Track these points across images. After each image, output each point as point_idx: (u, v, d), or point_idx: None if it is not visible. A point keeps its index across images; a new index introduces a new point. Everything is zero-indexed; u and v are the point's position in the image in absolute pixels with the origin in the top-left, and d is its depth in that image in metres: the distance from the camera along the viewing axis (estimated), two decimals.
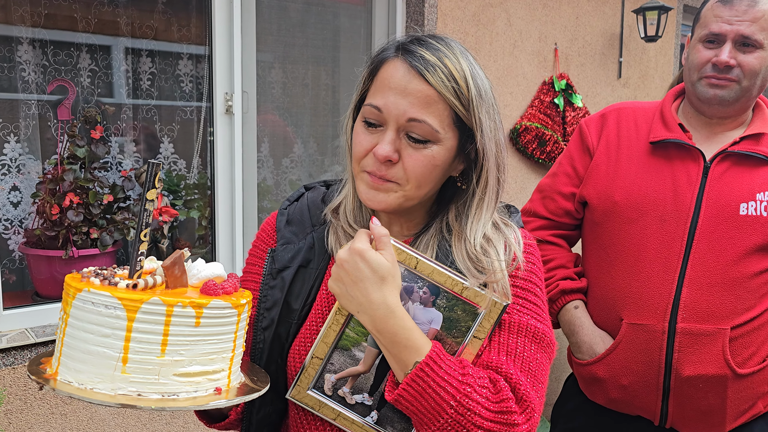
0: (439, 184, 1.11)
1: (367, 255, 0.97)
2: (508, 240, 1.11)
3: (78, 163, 2.32)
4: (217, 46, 2.52)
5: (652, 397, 1.72)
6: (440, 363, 0.96)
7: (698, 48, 1.71)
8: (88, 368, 0.87)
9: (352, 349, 1.06)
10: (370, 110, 1.06)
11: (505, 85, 3.34)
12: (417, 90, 1.02)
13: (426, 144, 1.04)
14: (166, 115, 2.67)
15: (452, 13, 3.06)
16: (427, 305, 1.04)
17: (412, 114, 1.02)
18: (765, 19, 1.64)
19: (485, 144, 1.06)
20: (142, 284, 0.89)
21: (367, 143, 1.06)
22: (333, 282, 1.01)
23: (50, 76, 2.39)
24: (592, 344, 1.79)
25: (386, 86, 1.05)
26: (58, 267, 2.30)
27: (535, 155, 3.44)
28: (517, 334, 1.05)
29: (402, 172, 1.05)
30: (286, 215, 1.21)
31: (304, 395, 1.07)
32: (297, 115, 2.98)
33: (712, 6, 1.70)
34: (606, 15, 3.78)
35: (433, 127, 1.03)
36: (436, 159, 1.05)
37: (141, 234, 0.94)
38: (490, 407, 0.96)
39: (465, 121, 1.05)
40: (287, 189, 2.96)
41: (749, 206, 1.66)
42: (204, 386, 0.91)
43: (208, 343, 0.90)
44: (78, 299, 0.88)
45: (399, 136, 1.04)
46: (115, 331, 0.86)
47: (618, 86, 3.91)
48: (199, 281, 0.95)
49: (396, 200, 1.07)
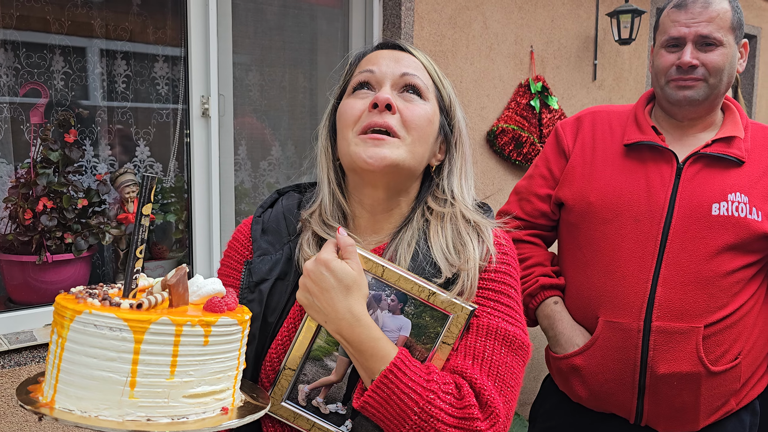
0: (426, 158, 1.14)
1: (332, 265, 0.98)
2: (483, 234, 1.12)
3: (51, 167, 2.29)
4: (192, 49, 2.50)
5: (627, 395, 1.75)
6: (405, 369, 0.97)
7: (661, 53, 1.76)
8: (92, 394, 0.82)
9: (324, 359, 1.06)
10: (363, 75, 1.13)
11: (481, 88, 3.36)
12: (405, 57, 1.14)
13: (420, 97, 1.12)
14: (141, 118, 2.64)
15: (429, 16, 3.07)
16: (396, 313, 1.04)
17: (404, 69, 1.12)
18: (720, 18, 1.69)
19: (459, 118, 1.17)
20: (146, 304, 0.85)
21: (361, 104, 1.10)
22: (300, 293, 1.02)
23: (23, 78, 2.36)
24: (571, 336, 1.81)
25: (376, 58, 1.14)
26: (31, 272, 2.26)
27: (512, 157, 3.47)
28: (485, 337, 1.04)
29: (400, 123, 1.08)
30: (261, 223, 1.18)
31: (279, 407, 1.07)
32: (275, 117, 2.97)
33: (669, 12, 1.75)
34: (581, 18, 3.82)
35: (425, 83, 1.13)
36: (429, 114, 1.11)
37: (137, 251, 0.90)
38: (454, 413, 0.96)
39: (443, 95, 1.16)
40: (265, 192, 2.95)
41: (721, 207, 1.69)
42: (212, 406, 0.88)
43: (216, 362, 0.88)
44: (77, 322, 0.82)
45: (393, 93, 1.10)
46: (122, 354, 0.82)
47: (593, 88, 3.96)
48: (199, 298, 0.92)
49: (398, 155, 1.07)
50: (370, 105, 1.07)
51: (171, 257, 2.69)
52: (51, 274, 2.28)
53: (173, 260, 2.69)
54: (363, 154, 1.05)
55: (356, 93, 1.12)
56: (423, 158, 1.11)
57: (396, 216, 1.15)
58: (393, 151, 1.06)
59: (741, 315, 1.72)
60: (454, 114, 1.17)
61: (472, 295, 1.06)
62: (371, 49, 1.17)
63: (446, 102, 1.16)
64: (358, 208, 1.16)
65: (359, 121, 1.08)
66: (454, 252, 1.08)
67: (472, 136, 3.35)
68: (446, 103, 1.16)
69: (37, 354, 2.13)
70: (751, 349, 1.76)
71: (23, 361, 2.11)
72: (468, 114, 3.32)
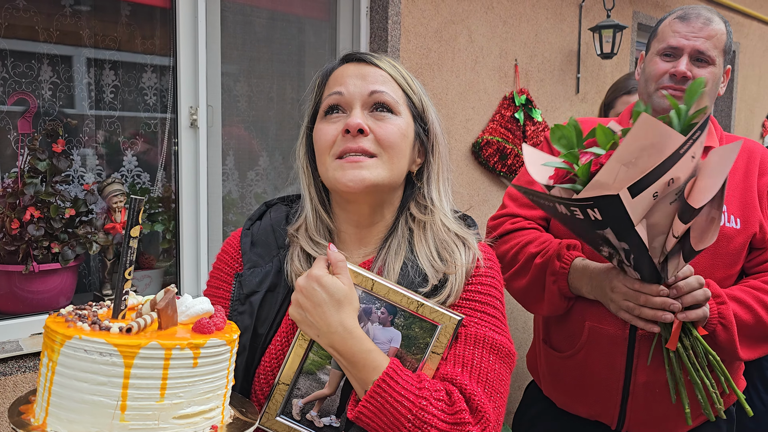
0: (405, 169, 1.15)
1: (323, 280, 1.01)
2: (467, 241, 1.15)
3: (39, 177, 2.29)
4: (181, 59, 2.51)
5: (611, 401, 1.78)
6: (397, 379, 0.99)
7: (655, 60, 1.79)
8: (83, 418, 0.83)
9: (317, 373, 1.08)
10: (332, 98, 1.12)
11: (467, 100, 3.41)
12: (370, 72, 1.13)
13: (391, 113, 1.11)
14: (129, 128, 2.65)
15: (415, 29, 3.12)
16: (386, 325, 1.07)
17: (372, 87, 1.11)
18: (717, 38, 1.73)
19: (432, 120, 1.18)
20: (135, 327, 0.86)
21: (333, 130, 1.11)
22: (293, 309, 1.04)
23: (10, 88, 2.36)
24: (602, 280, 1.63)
25: (343, 77, 1.13)
26: (18, 282, 2.26)
27: (497, 168, 3.51)
28: (473, 345, 1.07)
29: (375, 143, 1.09)
30: (251, 236, 1.20)
31: (273, 422, 1.08)
32: (262, 128, 2.99)
33: (670, 22, 1.78)
34: (564, 32, 3.89)
35: (394, 98, 1.12)
36: (402, 128, 1.12)
37: (125, 273, 0.91)
38: (446, 419, 0.99)
39: (414, 102, 1.15)
40: (252, 202, 2.96)
41: None
42: (201, 426, 0.89)
43: (205, 382, 0.89)
44: (67, 347, 0.83)
45: (365, 114, 1.10)
46: (112, 378, 0.83)
47: (576, 101, 4.03)
48: (188, 318, 0.94)
49: (377, 175, 1.09)
50: (342, 131, 1.09)
51: (158, 267, 2.69)
52: (37, 283, 2.27)
53: (160, 270, 2.69)
54: (343, 179, 1.08)
55: (328, 117, 1.13)
56: (402, 170, 1.14)
57: (381, 227, 1.18)
58: (372, 172, 1.08)
59: None
60: (427, 118, 1.18)
61: (457, 297, 1.10)
62: (337, 65, 1.17)
63: (418, 108, 1.17)
64: (344, 224, 1.19)
65: (334, 146, 1.10)
66: (440, 260, 1.12)
67: (457, 147, 3.39)
68: (419, 110, 1.17)
69: (23, 364, 2.13)
70: None
71: (9, 371, 2.10)
72: (453, 126, 3.36)
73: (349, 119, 1.09)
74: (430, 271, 1.10)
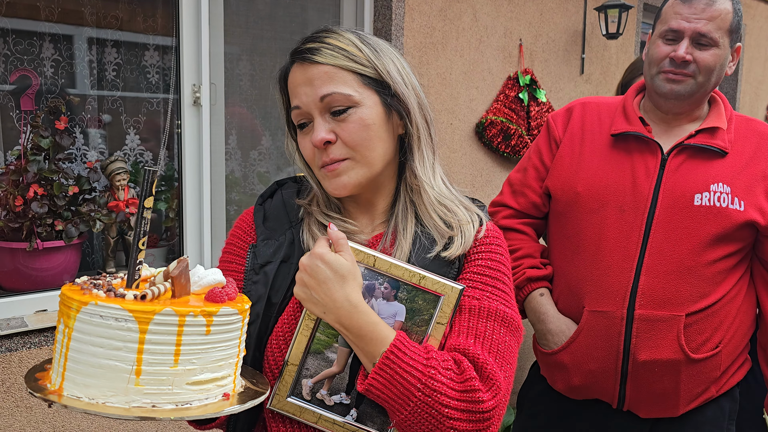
0: (389, 143, 1.14)
1: (327, 257, 1.02)
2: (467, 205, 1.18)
3: (42, 154, 2.29)
4: (184, 38, 2.50)
5: (611, 381, 1.79)
6: (404, 350, 1.01)
7: (657, 43, 1.77)
8: (99, 382, 0.85)
9: (325, 352, 1.09)
10: (294, 114, 1.14)
11: (470, 80, 3.39)
12: (314, 74, 1.10)
13: (348, 111, 1.09)
14: (131, 107, 2.64)
15: (419, 7, 3.09)
16: (390, 299, 1.08)
17: (320, 92, 1.09)
18: (721, 18, 1.70)
19: (399, 87, 1.13)
20: (150, 295, 0.87)
21: (310, 144, 1.12)
22: (298, 288, 1.05)
23: (12, 65, 2.35)
24: (557, 333, 1.85)
25: (294, 88, 1.13)
26: (21, 259, 2.27)
27: (500, 149, 3.50)
28: (486, 318, 1.09)
29: (343, 147, 1.10)
30: (263, 211, 1.22)
31: (285, 403, 1.09)
32: (265, 107, 2.98)
33: (673, 3, 1.76)
34: (569, 12, 3.86)
35: (345, 93, 1.09)
36: (365, 119, 1.10)
37: (139, 243, 0.92)
38: (455, 387, 1.00)
39: (372, 77, 1.11)
40: (255, 181, 2.96)
41: (703, 197, 1.72)
42: (213, 393, 0.91)
43: (218, 350, 0.91)
44: (83, 313, 0.85)
45: (326, 119, 1.10)
46: (127, 343, 0.84)
47: (581, 82, 4.00)
48: (200, 288, 0.95)
49: (357, 176, 1.11)
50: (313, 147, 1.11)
51: (161, 245, 2.70)
52: (41, 261, 2.28)
53: (164, 248, 2.70)
54: (329, 188, 1.13)
55: (302, 130, 1.14)
56: (383, 153, 1.13)
57: (385, 198, 1.20)
58: (350, 175, 1.11)
59: (723, 304, 1.75)
60: (389, 83, 1.11)
61: (466, 249, 1.13)
62: (288, 66, 1.15)
63: (376, 79, 1.11)
64: (351, 203, 1.22)
65: (314, 159, 1.13)
66: (443, 223, 1.14)
67: (460, 128, 3.38)
68: (377, 80, 1.11)
69: (28, 340, 2.14)
70: (732, 338, 1.79)
71: (14, 347, 2.11)
72: (457, 106, 3.34)
73: (313, 136, 1.10)
74: (437, 236, 1.13)
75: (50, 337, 2.18)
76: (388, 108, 1.13)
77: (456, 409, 0.99)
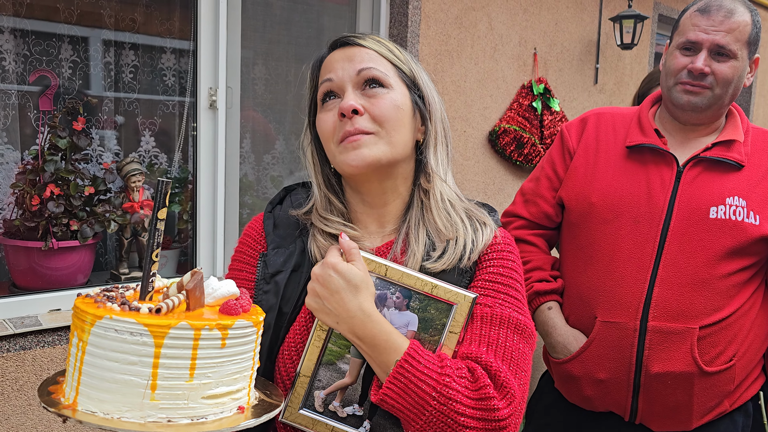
0: (410, 139, 1.15)
1: (339, 267, 1.02)
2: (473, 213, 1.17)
3: (59, 154, 2.31)
4: (202, 41, 2.52)
5: (623, 393, 1.77)
6: (418, 358, 1.00)
7: (675, 55, 1.77)
8: (114, 397, 0.84)
9: (337, 363, 1.08)
10: (323, 86, 1.14)
11: (485, 88, 3.39)
12: (357, 53, 1.13)
13: (382, 87, 1.12)
14: (147, 109, 2.66)
15: (435, 15, 3.10)
16: (402, 309, 1.07)
17: (359, 66, 1.12)
18: (739, 30, 1.69)
19: (427, 92, 1.17)
20: (165, 308, 0.87)
21: (332, 117, 1.12)
22: (310, 298, 1.04)
23: (31, 66, 2.37)
24: (565, 344, 1.84)
25: (331, 63, 1.15)
26: (36, 258, 2.28)
27: (513, 157, 3.50)
28: (499, 326, 1.08)
29: (371, 121, 1.10)
30: (273, 218, 1.21)
31: (297, 415, 1.08)
32: (279, 111, 3.00)
33: (691, 15, 1.75)
34: (584, 22, 3.86)
35: (383, 71, 1.12)
36: (396, 101, 1.12)
37: (152, 255, 0.91)
38: (471, 395, 0.99)
39: (407, 73, 1.15)
40: (268, 185, 2.98)
41: (719, 210, 1.71)
42: (228, 406, 0.90)
43: (233, 363, 0.90)
44: (98, 326, 0.84)
45: (357, 93, 1.11)
46: (142, 358, 0.83)
47: (594, 92, 4.00)
48: (214, 300, 0.95)
49: (378, 151, 1.10)
50: (338, 115, 1.10)
51: (174, 247, 2.72)
52: (56, 260, 2.30)
53: (177, 250, 2.71)
54: (346, 160, 1.10)
55: (325, 105, 1.14)
56: (404, 142, 1.14)
57: (398, 204, 1.19)
58: (372, 149, 1.09)
59: (737, 317, 1.74)
60: (420, 84, 1.17)
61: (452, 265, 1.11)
62: (326, 54, 1.18)
63: (410, 76, 1.16)
64: (360, 205, 1.20)
65: (335, 133, 1.11)
66: (444, 230, 1.13)
67: (474, 135, 3.38)
68: (410, 78, 1.16)
69: (42, 339, 2.16)
70: (746, 352, 1.78)
71: (28, 346, 2.13)
72: (471, 113, 3.35)
73: (342, 102, 1.10)
74: (435, 240, 1.13)
75: (64, 336, 2.19)
76: (414, 106, 1.15)
77: (472, 417, 0.98)
